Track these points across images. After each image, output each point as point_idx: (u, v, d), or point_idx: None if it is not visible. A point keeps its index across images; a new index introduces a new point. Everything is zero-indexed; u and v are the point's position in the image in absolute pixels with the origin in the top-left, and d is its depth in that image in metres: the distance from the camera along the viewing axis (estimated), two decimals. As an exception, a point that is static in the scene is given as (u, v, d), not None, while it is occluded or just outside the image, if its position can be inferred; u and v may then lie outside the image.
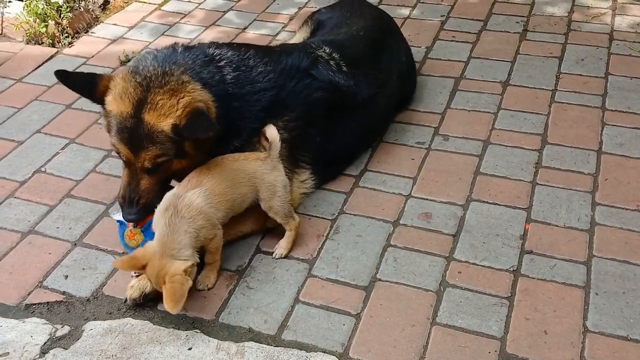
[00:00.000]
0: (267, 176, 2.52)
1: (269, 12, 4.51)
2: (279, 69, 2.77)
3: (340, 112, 2.94)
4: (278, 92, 2.72)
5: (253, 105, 2.65)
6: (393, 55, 3.33)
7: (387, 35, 3.42)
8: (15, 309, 2.45)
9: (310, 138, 2.86)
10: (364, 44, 3.21)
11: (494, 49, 3.93)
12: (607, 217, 2.73)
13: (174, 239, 2.28)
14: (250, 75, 2.68)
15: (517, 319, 2.33)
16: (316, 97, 2.84)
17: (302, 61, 2.86)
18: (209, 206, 2.39)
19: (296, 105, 2.77)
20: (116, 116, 2.45)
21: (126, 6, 4.65)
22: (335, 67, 2.94)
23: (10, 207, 2.91)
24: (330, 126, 2.92)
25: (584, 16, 4.26)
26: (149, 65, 2.49)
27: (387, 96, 3.20)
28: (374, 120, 3.16)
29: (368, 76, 3.07)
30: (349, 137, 3.02)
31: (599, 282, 2.45)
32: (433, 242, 2.65)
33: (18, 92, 3.73)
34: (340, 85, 2.92)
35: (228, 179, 2.47)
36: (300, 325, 2.33)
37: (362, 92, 3.00)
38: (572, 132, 3.22)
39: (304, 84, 2.81)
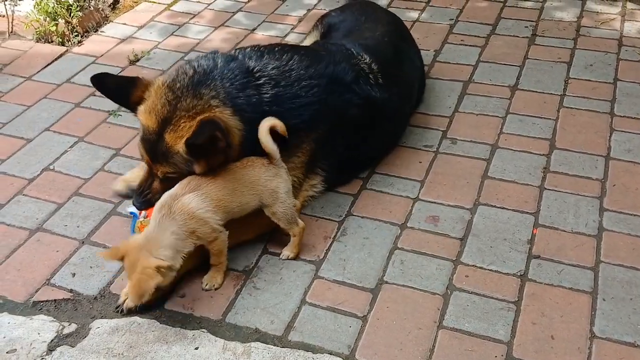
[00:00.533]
0: (270, 183, 2.49)
1: (278, 13, 4.52)
2: (324, 83, 2.73)
3: (371, 127, 2.93)
4: (320, 107, 2.69)
5: (291, 119, 2.58)
6: (412, 61, 3.36)
7: (404, 41, 3.44)
8: (22, 306, 2.45)
9: (335, 149, 2.84)
10: (390, 50, 3.20)
11: (503, 53, 3.93)
12: (615, 223, 2.73)
13: (158, 237, 2.29)
14: (291, 90, 2.64)
15: (524, 323, 2.32)
16: (352, 112, 2.83)
17: (348, 74, 2.83)
18: (204, 211, 2.36)
19: (333, 118, 2.75)
20: (143, 127, 2.49)
21: (136, 6, 4.67)
22: (373, 81, 2.92)
23: (18, 205, 2.92)
24: (358, 138, 2.91)
25: (593, 22, 4.25)
26: (185, 82, 2.47)
27: (410, 104, 3.24)
28: (397, 129, 3.18)
29: (398, 87, 3.07)
30: (372, 147, 3.02)
31: (607, 287, 2.44)
32: (440, 245, 2.64)
33: (27, 90, 3.75)
34: (376, 100, 2.91)
35: (228, 186, 2.44)
36: (307, 327, 2.34)
37: (393, 105, 3.00)
38: (581, 138, 3.22)
39: (343, 100, 2.79)
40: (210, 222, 2.39)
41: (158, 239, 2.29)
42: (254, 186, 2.48)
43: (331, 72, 2.78)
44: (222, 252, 2.48)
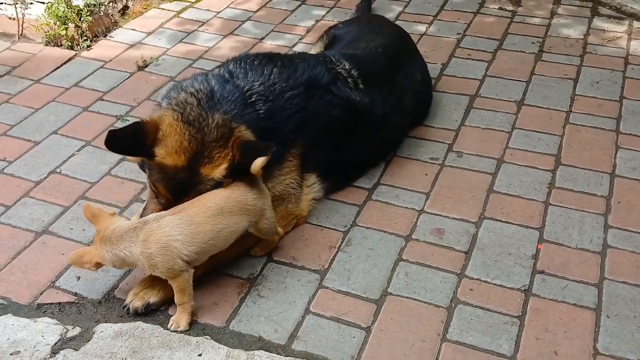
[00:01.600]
0: (257, 202, 2.45)
1: (286, 23, 4.55)
2: (303, 91, 2.77)
3: (352, 128, 2.96)
4: (304, 114, 2.73)
5: (282, 131, 2.67)
6: (409, 73, 3.35)
7: (404, 53, 3.45)
8: (27, 308, 2.46)
9: (321, 151, 2.88)
10: (381, 61, 3.24)
11: (510, 69, 3.95)
12: (620, 240, 2.73)
13: (114, 242, 2.26)
14: (279, 103, 2.68)
15: (528, 338, 2.32)
16: (333, 114, 2.86)
17: (324, 77, 2.88)
18: (173, 238, 2.25)
19: (317, 123, 2.79)
20: (168, 167, 2.42)
21: (145, 12, 4.70)
22: (352, 85, 2.97)
23: (25, 207, 2.93)
24: (342, 140, 2.94)
25: (599, 39, 4.28)
26: (198, 112, 2.46)
27: (401, 114, 3.22)
28: (386, 137, 3.18)
29: (383, 94, 3.09)
30: (359, 152, 3.04)
31: (610, 304, 2.45)
32: (445, 258, 2.65)
33: (36, 93, 3.77)
34: (356, 103, 2.94)
35: (214, 207, 2.35)
36: (311, 336, 2.34)
37: (376, 110, 3.03)
38: (586, 154, 3.23)
39: (325, 101, 2.84)
40: (174, 253, 2.26)
41: (113, 243, 2.26)
42: (243, 207, 2.41)
43: (307, 78, 2.82)
44: (185, 291, 2.33)
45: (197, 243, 2.30)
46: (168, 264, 2.26)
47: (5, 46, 4.23)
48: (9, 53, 4.16)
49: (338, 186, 3.02)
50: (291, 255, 2.67)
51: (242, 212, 2.41)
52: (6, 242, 2.74)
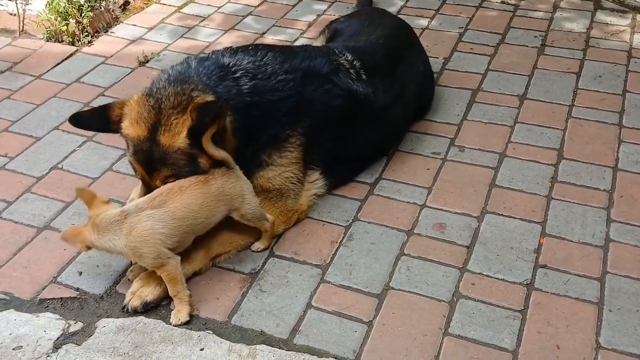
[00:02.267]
0: (234, 188, 2.47)
1: (288, 18, 4.53)
2: (299, 76, 2.77)
3: (354, 119, 2.95)
4: (299, 98, 2.73)
5: (274, 112, 2.67)
6: (411, 65, 3.34)
7: (406, 45, 3.44)
8: (29, 303, 2.46)
9: (323, 142, 2.87)
10: (382, 52, 3.23)
11: (512, 63, 3.94)
12: (622, 234, 2.72)
13: (101, 231, 2.31)
14: (269, 83, 2.69)
15: (530, 332, 2.32)
16: (334, 104, 2.86)
17: (324, 67, 2.88)
18: (155, 232, 2.30)
19: (316, 110, 2.79)
20: (133, 139, 2.48)
21: (146, 7, 4.69)
22: (355, 76, 2.96)
23: (26, 202, 2.93)
24: (344, 131, 2.93)
25: (602, 33, 4.26)
26: (162, 86, 2.50)
27: (403, 105, 3.21)
28: (388, 129, 3.17)
29: (385, 85, 3.08)
30: (362, 144, 3.03)
31: (613, 298, 2.44)
32: (447, 252, 2.64)
33: (37, 88, 3.77)
34: (358, 93, 2.94)
35: (196, 202, 2.38)
36: (312, 330, 2.34)
37: (378, 101, 3.02)
38: (589, 148, 3.22)
39: (324, 90, 2.83)
40: (157, 245, 2.30)
41: (100, 232, 2.31)
42: (221, 196, 2.44)
43: (307, 66, 2.82)
44: (176, 280, 2.36)
45: (179, 234, 2.37)
46: (154, 254, 2.31)
47: (6, 42, 4.23)
48: (10, 49, 4.16)
49: (341, 182, 3.01)
50: (293, 249, 2.67)
51: (221, 202, 2.45)
52: (8, 238, 2.74)
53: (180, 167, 2.44)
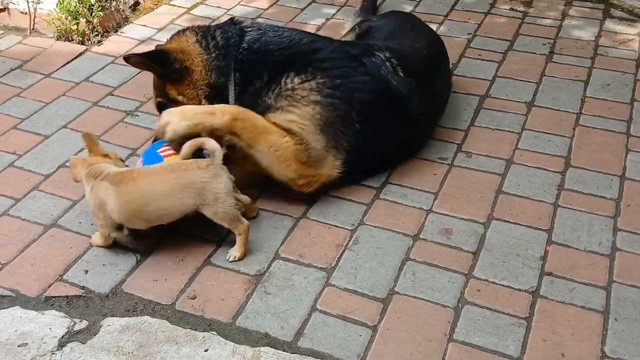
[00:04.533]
0: (208, 184, 2.48)
1: (297, 21, 4.54)
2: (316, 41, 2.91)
3: (388, 114, 2.94)
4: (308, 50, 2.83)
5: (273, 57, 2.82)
6: (445, 80, 3.40)
7: (443, 60, 3.48)
8: (35, 301, 2.47)
9: (350, 120, 2.83)
10: (425, 62, 3.22)
11: (520, 69, 3.94)
12: (629, 243, 2.72)
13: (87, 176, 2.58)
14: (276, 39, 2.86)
15: (535, 340, 2.32)
16: (363, 80, 2.84)
17: (354, 49, 2.91)
18: (104, 203, 2.51)
19: (335, 74, 2.80)
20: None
21: (156, 8, 4.71)
22: (391, 69, 2.96)
23: (34, 200, 2.94)
24: (375, 123, 2.90)
25: (611, 41, 4.26)
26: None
27: (434, 119, 3.26)
28: (415, 137, 3.17)
29: (423, 93, 3.06)
30: (389, 143, 3.02)
31: (619, 308, 2.43)
32: (453, 258, 2.64)
33: (46, 87, 3.78)
34: (392, 86, 2.92)
35: (151, 189, 2.50)
36: (317, 334, 2.34)
37: (413, 105, 3.00)
38: (596, 157, 3.21)
39: (350, 67, 2.84)
40: (106, 211, 2.52)
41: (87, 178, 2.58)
42: (188, 188, 2.48)
43: (333, 46, 2.93)
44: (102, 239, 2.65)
45: (124, 217, 2.54)
46: (101, 221, 2.57)
47: (16, 40, 4.25)
48: (20, 47, 4.18)
49: (363, 172, 3.00)
50: (298, 252, 2.67)
51: (187, 194, 2.49)
52: (15, 235, 2.75)
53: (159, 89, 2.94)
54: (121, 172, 2.57)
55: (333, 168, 2.88)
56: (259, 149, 2.74)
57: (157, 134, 2.78)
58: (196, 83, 2.87)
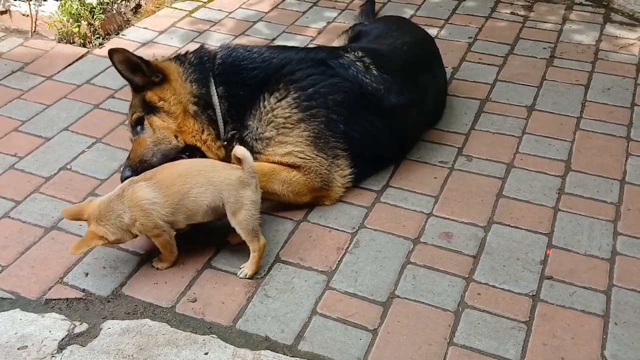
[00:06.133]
0: (233, 190, 2.47)
1: (298, 24, 4.55)
2: (285, 56, 2.96)
3: (367, 111, 2.97)
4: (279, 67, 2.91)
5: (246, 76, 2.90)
6: (433, 76, 3.39)
7: (430, 57, 3.49)
8: (35, 303, 2.47)
9: (333, 122, 2.90)
10: (404, 58, 3.25)
11: (521, 74, 3.94)
12: (629, 247, 2.72)
13: (107, 215, 2.43)
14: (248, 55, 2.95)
15: (535, 344, 2.31)
16: (332, 82, 2.91)
17: (319, 54, 2.99)
18: (149, 202, 2.44)
19: (305, 84, 2.88)
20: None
21: (157, 11, 4.72)
22: (362, 68, 2.99)
23: (35, 202, 2.94)
24: (358, 121, 2.95)
25: (611, 46, 4.26)
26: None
27: (421, 112, 3.22)
28: (403, 131, 3.16)
29: (401, 86, 3.08)
30: (377, 138, 3.03)
31: (619, 312, 2.43)
32: (453, 262, 2.64)
33: (48, 89, 3.79)
34: (364, 83, 2.97)
35: (182, 176, 2.49)
36: (317, 337, 2.34)
37: (391, 99, 3.02)
38: (596, 161, 3.22)
39: (317, 72, 2.92)
40: (153, 215, 2.44)
41: (106, 216, 2.43)
42: (216, 184, 2.48)
43: (301, 55, 2.99)
44: (166, 248, 2.56)
45: (169, 204, 2.47)
46: (150, 225, 2.46)
47: (18, 42, 4.26)
48: (22, 49, 4.19)
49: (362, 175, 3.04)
50: (299, 255, 2.68)
51: (212, 189, 2.48)
52: (16, 237, 2.76)
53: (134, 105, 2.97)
54: (150, 171, 2.56)
55: (344, 178, 2.95)
56: (273, 190, 2.83)
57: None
58: (176, 90, 2.89)
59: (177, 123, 2.88)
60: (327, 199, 2.93)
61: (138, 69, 2.88)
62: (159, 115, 2.88)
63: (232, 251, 2.68)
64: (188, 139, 2.90)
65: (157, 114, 2.89)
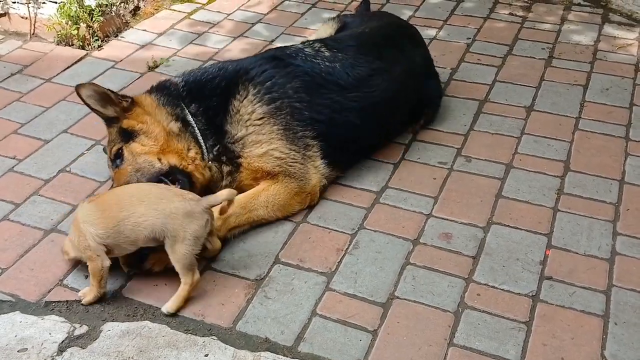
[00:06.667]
0: (178, 218, 2.37)
1: (297, 26, 4.56)
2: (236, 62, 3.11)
3: (327, 90, 3.02)
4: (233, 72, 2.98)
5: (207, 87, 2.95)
6: (403, 51, 3.41)
7: (400, 36, 3.53)
8: (35, 306, 2.47)
9: (298, 110, 2.94)
10: (361, 37, 3.36)
11: (519, 74, 3.95)
12: (628, 247, 2.72)
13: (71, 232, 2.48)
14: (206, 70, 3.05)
15: (535, 344, 2.32)
16: (287, 72, 3.00)
17: (268, 52, 3.21)
18: (85, 222, 2.40)
19: (262, 79, 2.95)
20: None
21: (156, 13, 4.72)
22: (312, 52, 3.12)
23: (34, 205, 2.94)
24: (320, 102, 2.99)
25: (610, 46, 4.27)
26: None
27: (389, 81, 3.18)
28: (372, 101, 3.10)
29: (359, 60, 3.15)
30: (344, 116, 3.03)
31: (618, 312, 2.44)
32: (453, 262, 2.64)
33: (47, 91, 3.79)
34: (316, 65, 3.08)
35: (120, 202, 2.42)
36: (317, 339, 2.34)
37: (348, 72, 3.08)
38: (595, 161, 3.22)
39: (271, 66, 3.02)
40: (87, 236, 2.39)
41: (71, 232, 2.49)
42: (158, 215, 2.38)
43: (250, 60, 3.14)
44: (95, 277, 2.42)
45: (101, 228, 2.40)
46: (82, 246, 2.42)
47: (17, 45, 4.26)
48: (20, 52, 4.19)
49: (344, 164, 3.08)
50: (298, 257, 2.68)
51: (157, 215, 2.38)
52: (15, 240, 2.76)
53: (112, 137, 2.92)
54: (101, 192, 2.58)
55: (320, 170, 2.95)
56: (260, 217, 2.83)
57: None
58: (151, 112, 2.87)
59: (159, 144, 2.81)
60: (309, 197, 2.92)
61: (107, 100, 2.83)
62: (138, 140, 2.81)
63: (233, 253, 2.68)
64: (173, 160, 2.81)
65: (135, 140, 2.81)
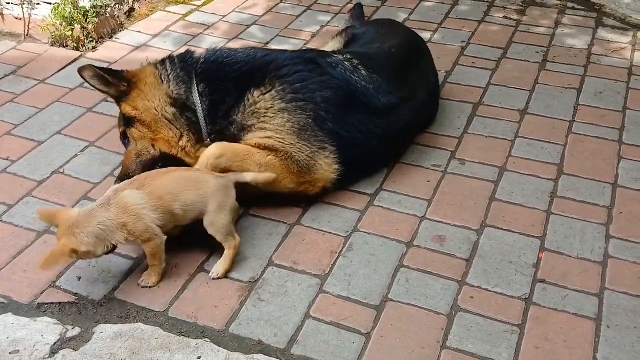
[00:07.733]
0: (218, 192, 2.54)
1: (292, 28, 4.56)
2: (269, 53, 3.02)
3: (357, 110, 2.97)
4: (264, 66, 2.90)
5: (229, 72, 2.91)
6: (422, 75, 3.40)
7: (418, 56, 3.50)
8: (27, 307, 2.46)
9: (322, 120, 2.88)
10: (392, 59, 3.27)
11: (513, 77, 3.96)
12: (621, 250, 2.73)
13: (85, 223, 2.36)
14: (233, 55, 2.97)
15: (528, 347, 2.32)
16: (321, 80, 2.91)
17: (307, 53, 3.06)
18: (140, 207, 2.43)
19: (293, 79, 2.87)
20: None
21: (151, 14, 4.72)
22: (351, 68, 3.02)
23: (27, 206, 2.94)
24: (347, 120, 2.94)
25: (604, 50, 4.28)
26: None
27: (412, 110, 3.20)
28: (396, 132, 3.13)
29: (390, 86, 3.09)
30: (367, 138, 3.00)
31: (611, 315, 2.44)
32: (446, 265, 2.65)
33: (41, 93, 3.78)
34: (353, 82, 2.98)
35: (174, 185, 2.52)
36: (310, 341, 2.34)
37: (381, 98, 3.04)
38: (589, 164, 3.23)
39: (306, 70, 2.92)
40: (144, 219, 2.43)
41: (84, 224, 2.35)
42: (201, 188, 2.53)
43: (288, 52, 3.06)
44: (156, 256, 2.51)
45: (159, 213, 2.47)
46: (140, 229, 2.42)
47: (11, 46, 4.25)
48: (14, 53, 4.18)
49: (353, 176, 3.02)
50: (292, 259, 2.68)
51: (200, 194, 2.53)
52: (8, 241, 2.75)
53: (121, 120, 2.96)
54: (133, 180, 2.55)
55: (330, 172, 2.91)
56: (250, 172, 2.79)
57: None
58: (148, 95, 2.87)
59: (152, 131, 2.87)
60: (312, 186, 2.89)
61: (106, 82, 2.85)
62: (135, 126, 2.88)
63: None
64: (164, 147, 2.88)
65: (134, 126, 2.88)
